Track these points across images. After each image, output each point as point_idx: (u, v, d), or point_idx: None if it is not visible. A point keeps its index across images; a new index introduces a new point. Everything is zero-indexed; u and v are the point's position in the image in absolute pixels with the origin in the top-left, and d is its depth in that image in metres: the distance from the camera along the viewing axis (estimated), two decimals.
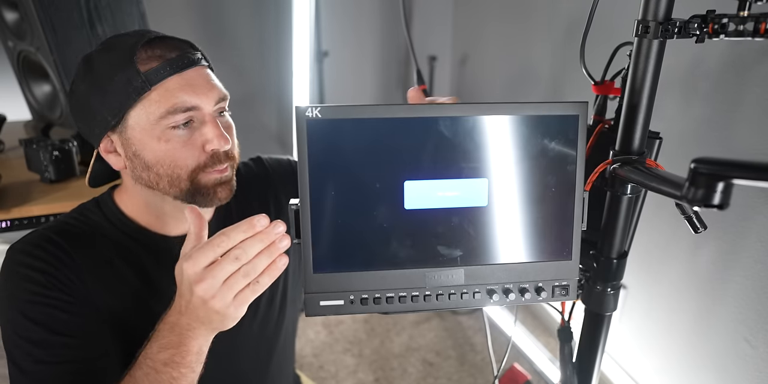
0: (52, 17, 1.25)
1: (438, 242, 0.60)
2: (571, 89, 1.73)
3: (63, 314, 0.70)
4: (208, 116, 0.73)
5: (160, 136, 0.71)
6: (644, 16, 0.58)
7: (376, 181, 0.57)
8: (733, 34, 0.52)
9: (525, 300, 0.62)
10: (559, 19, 1.78)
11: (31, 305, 0.69)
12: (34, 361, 0.67)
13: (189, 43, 0.76)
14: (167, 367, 0.60)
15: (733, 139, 1.16)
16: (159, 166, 0.72)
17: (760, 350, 1.16)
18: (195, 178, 0.73)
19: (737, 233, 1.18)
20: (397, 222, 0.58)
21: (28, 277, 0.70)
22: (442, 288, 0.60)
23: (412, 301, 0.60)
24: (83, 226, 0.78)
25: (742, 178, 0.42)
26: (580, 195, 0.62)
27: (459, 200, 0.59)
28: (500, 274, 0.61)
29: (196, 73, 0.72)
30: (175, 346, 0.60)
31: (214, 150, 0.73)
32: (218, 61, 0.86)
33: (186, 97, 0.70)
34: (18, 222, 1.22)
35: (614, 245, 0.72)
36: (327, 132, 0.56)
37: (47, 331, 0.68)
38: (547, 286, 0.62)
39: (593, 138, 0.77)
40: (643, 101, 0.62)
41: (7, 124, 1.56)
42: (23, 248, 0.72)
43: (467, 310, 2.15)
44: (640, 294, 1.53)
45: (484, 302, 0.62)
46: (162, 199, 0.76)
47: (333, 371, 1.87)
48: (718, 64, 1.18)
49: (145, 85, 0.69)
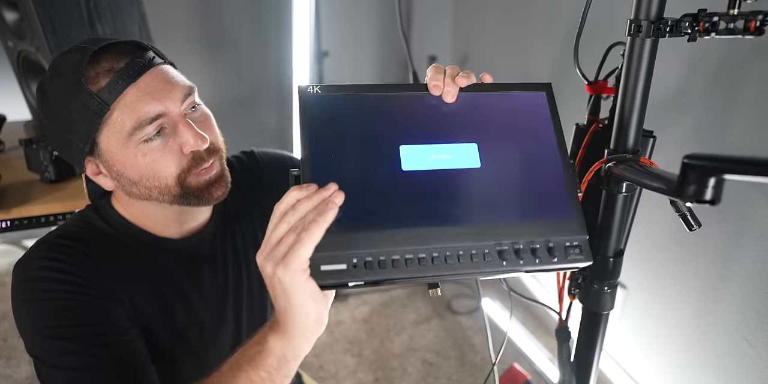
0: (52, 17, 1.25)
1: (438, 201, 0.59)
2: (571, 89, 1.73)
3: (91, 307, 0.69)
4: (177, 118, 0.70)
5: (136, 152, 0.68)
6: (636, 16, 0.59)
7: (372, 147, 0.60)
8: (723, 32, 0.53)
9: (539, 263, 0.57)
10: (558, 19, 1.78)
11: (58, 302, 0.67)
12: (70, 353, 0.65)
13: (136, 44, 0.72)
14: (248, 366, 0.57)
15: (728, 138, 1.16)
16: (145, 181, 0.71)
17: (760, 350, 1.15)
18: (184, 183, 0.72)
19: (737, 233, 1.18)
20: (397, 183, 0.59)
21: (48, 279, 0.68)
22: (450, 248, 0.56)
23: (420, 265, 0.56)
24: (88, 231, 0.77)
25: (733, 173, 0.42)
26: (567, 161, 0.61)
27: (453, 162, 0.61)
28: (506, 233, 0.58)
29: (151, 78, 0.68)
30: (262, 342, 0.58)
31: (194, 151, 0.71)
32: (218, 61, 0.86)
33: (148, 108, 0.67)
34: (18, 222, 1.22)
35: (610, 244, 0.73)
36: (325, 106, 0.61)
37: (79, 324, 0.67)
38: (558, 245, 0.58)
39: (588, 137, 0.77)
40: (637, 100, 0.62)
41: (7, 124, 1.57)
42: (38, 256, 0.71)
43: (467, 310, 2.15)
44: (639, 294, 1.53)
45: (496, 266, 0.57)
46: (161, 206, 0.76)
47: (333, 371, 1.87)
48: (714, 62, 1.18)
49: (103, 106, 0.65)
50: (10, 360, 1.88)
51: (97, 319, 0.68)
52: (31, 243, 2.73)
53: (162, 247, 0.80)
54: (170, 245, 0.81)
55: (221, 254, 0.86)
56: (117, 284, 0.73)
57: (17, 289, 0.69)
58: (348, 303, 2.22)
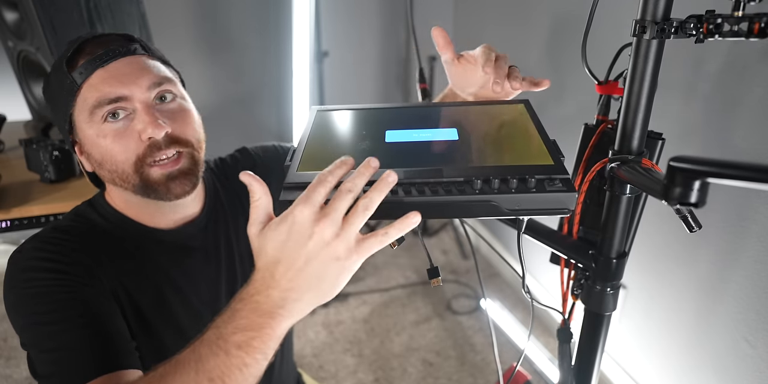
0: (52, 17, 1.25)
1: (417, 155, 0.61)
2: (571, 89, 1.73)
3: (78, 295, 0.69)
4: (139, 104, 0.71)
5: (98, 132, 0.71)
6: (642, 16, 0.58)
7: (361, 130, 0.69)
8: (728, 35, 0.52)
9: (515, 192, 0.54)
10: (559, 19, 1.78)
11: (48, 289, 0.68)
12: (56, 334, 0.65)
13: (125, 37, 0.75)
14: (240, 351, 0.50)
15: (733, 140, 1.16)
16: (105, 163, 0.73)
17: (760, 350, 1.16)
18: (142, 172, 0.72)
19: (737, 233, 1.18)
20: (379, 149, 0.63)
21: (37, 268, 0.70)
22: (423, 182, 0.55)
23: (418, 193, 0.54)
24: (83, 225, 0.79)
25: (719, 177, 0.42)
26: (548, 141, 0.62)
27: (432, 137, 0.66)
28: (483, 172, 0.56)
29: (123, 64, 0.72)
30: (257, 328, 0.50)
31: (151, 138, 0.71)
32: (218, 61, 0.86)
33: (109, 89, 0.70)
34: (18, 222, 1.22)
35: (614, 245, 0.72)
36: (327, 116, 0.74)
37: (65, 309, 0.67)
38: (538, 179, 0.55)
39: (595, 137, 0.77)
40: (642, 101, 0.62)
41: (7, 124, 1.56)
42: (31, 247, 0.72)
43: (467, 310, 2.15)
44: (640, 294, 1.53)
45: (470, 193, 0.54)
46: (135, 196, 0.76)
47: (333, 371, 1.87)
48: (719, 64, 1.18)
49: (74, 84, 0.71)
50: (10, 360, 1.88)
51: (84, 307, 0.69)
52: None
53: (153, 238, 0.81)
54: (161, 236, 0.82)
55: (213, 245, 0.87)
56: (109, 275, 0.74)
57: (7, 279, 0.70)
58: (348, 303, 2.22)
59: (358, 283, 2.34)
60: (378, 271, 2.42)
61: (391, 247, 0.59)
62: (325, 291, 0.51)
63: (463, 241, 2.59)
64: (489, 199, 0.54)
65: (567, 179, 0.55)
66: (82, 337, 0.66)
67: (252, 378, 0.52)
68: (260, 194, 0.53)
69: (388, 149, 0.63)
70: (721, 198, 1.20)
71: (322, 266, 0.49)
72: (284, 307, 0.50)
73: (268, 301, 0.51)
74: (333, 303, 2.21)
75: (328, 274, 0.50)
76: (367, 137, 0.67)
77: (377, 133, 0.67)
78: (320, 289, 0.50)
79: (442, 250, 2.58)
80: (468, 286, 2.30)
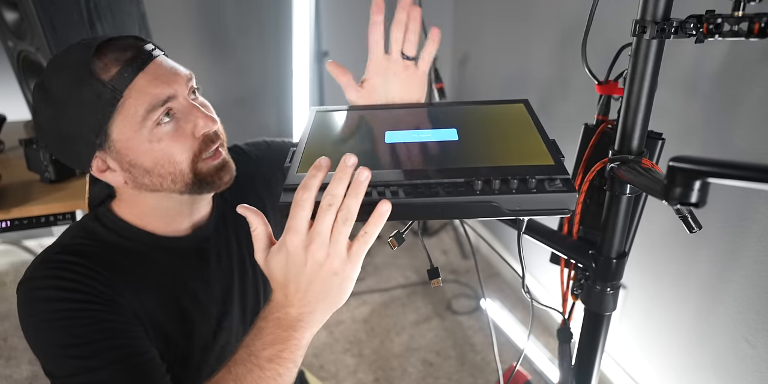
0: (52, 17, 1.25)
1: (416, 155, 0.62)
2: (571, 89, 1.73)
3: (102, 323, 0.69)
4: (185, 102, 0.72)
5: (150, 137, 0.69)
6: (642, 16, 0.58)
7: (361, 131, 0.69)
8: (728, 35, 0.52)
9: (515, 192, 0.54)
10: (559, 19, 1.78)
11: (68, 321, 0.67)
12: (86, 371, 0.65)
13: (137, 38, 0.74)
14: (272, 364, 0.57)
15: (733, 140, 1.16)
16: (159, 167, 0.71)
17: (760, 350, 1.16)
18: (196, 169, 0.73)
19: (737, 233, 1.18)
20: (379, 150, 0.64)
21: (58, 298, 0.68)
22: (424, 183, 0.55)
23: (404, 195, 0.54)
24: (92, 242, 0.76)
25: (719, 177, 0.42)
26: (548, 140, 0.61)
27: (432, 138, 0.65)
28: (482, 173, 0.56)
29: (157, 65, 0.71)
30: (283, 341, 0.57)
31: (205, 133, 0.73)
32: (218, 61, 0.87)
33: (158, 90, 0.69)
34: (18, 222, 1.22)
35: (614, 245, 0.72)
36: (326, 116, 0.75)
37: (92, 341, 0.67)
38: (539, 179, 0.54)
39: (595, 137, 0.77)
40: (642, 101, 0.62)
41: (7, 124, 1.56)
42: (42, 275, 0.70)
43: (467, 310, 2.15)
44: (640, 294, 1.53)
45: (470, 194, 0.54)
46: (168, 198, 0.76)
47: (333, 371, 1.87)
48: (719, 64, 1.18)
49: (116, 93, 0.67)
50: (10, 360, 1.88)
51: (111, 334, 0.68)
52: (31, 243, 2.72)
53: (166, 247, 0.80)
54: (174, 243, 0.81)
55: (224, 242, 0.88)
56: (126, 296, 0.72)
57: (26, 310, 0.69)
58: (348, 303, 2.21)
59: (358, 283, 2.33)
60: (378, 271, 2.42)
61: (391, 248, 0.60)
62: (334, 300, 0.58)
63: (463, 241, 2.59)
64: (490, 199, 0.54)
65: (567, 179, 0.54)
66: (118, 372, 0.66)
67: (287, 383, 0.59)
68: (256, 224, 0.59)
69: (389, 150, 0.63)
70: (721, 198, 1.20)
71: (323, 283, 0.56)
72: (303, 320, 0.57)
73: (287, 318, 0.58)
74: None
75: (332, 287, 0.56)
76: (366, 138, 0.67)
77: (377, 134, 0.67)
78: (328, 300, 0.57)
79: (442, 250, 2.58)
80: (468, 286, 2.30)
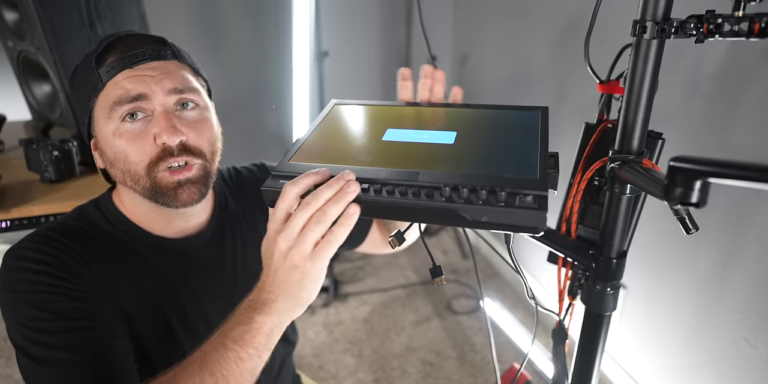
0: (52, 17, 1.25)
1: (403, 156, 0.62)
2: (571, 89, 1.73)
3: (73, 302, 0.68)
4: (160, 107, 0.71)
5: (115, 131, 0.71)
6: (642, 16, 0.58)
7: (365, 127, 0.70)
8: (728, 35, 0.52)
9: (482, 204, 0.52)
10: (559, 18, 1.78)
11: (41, 295, 0.67)
12: (49, 347, 0.65)
13: (158, 40, 0.75)
14: (236, 345, 0.58)
15: (733, 140, 1.16)
16: (118, 162, 0.72)
17: (760, 350, 1.16)
18: (153, 176, 0.71)
19: (737, 233, 1.18)
20: (372, 146, 0.64)
21: (34, 271, 0.69)
22: (406, 183, 0.56)
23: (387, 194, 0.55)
24: (84, 226, 0.77)
25: (720, 177, 0.42)
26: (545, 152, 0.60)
27: (429, 139, 0.65)
28: (458, 181, 0.55)
29: (151, 66, 0.71)
30: (248, 322, 0.59)
31: (165, 143, 0.70)
32: (218, 61, 0.87)
33: (131, 86, 0.69)
34: (18, 222, 1.22)
35: (614, 245, 0.72)
36: (341, 110, 0.75)
37: (60, 318, 0.67)
38: (510, 193, 0.53)
39: (596, 136, 0.77)
40: (643, 101, 0.62)
41: (7, 124, 1.56)
42: (27, 246, 0.72)
43: (467, 310, 2.15)
44: (640, 294, 1.53)
45: (437, 201, 0.54)
46: (144, 200, 0.75)
47: (333, 371, 1.87)
48: (719, 64, 1.18)
49: (98, 81, 0.70)
50: (10, 360, 1.88)
51: (79, 314, 0.68)
52: None
53: (157, 247, 0.79)
54: (165, 245, 0.80)
55: (217, 257, 0.85)
56: (105, 282, 0.73)
57: (3, 276, 0.70)
58: (348, 303, 2.22)
59: (358, 283, 2.34)
60: (378, 271, 2.42)
61: (391, 248, 0.60)
62: (293, 294, 0.58)
63: (463, 241, 2.59)
64: (455, 207, 0.53)
65: (542, 197, 0.52)
66: (79, 354, 0.66)
67: (247, 374, 0.59)
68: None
69: (381, 148, 0.63)
70: (721, 198, 1.20)
71: (285, 273, 0.57)
72: (267, 306, 0.59)
73: (257, 300, 0.59)
74: (333, 303, 2.21)
75: (293, 280, 0.57)
76: (367, 134, 0.67)
77: (379, 131, 0.67)
78: (289, 291, 0.58)
79: (442, 250, 2.58)
80: (468, 286, 2.30)
